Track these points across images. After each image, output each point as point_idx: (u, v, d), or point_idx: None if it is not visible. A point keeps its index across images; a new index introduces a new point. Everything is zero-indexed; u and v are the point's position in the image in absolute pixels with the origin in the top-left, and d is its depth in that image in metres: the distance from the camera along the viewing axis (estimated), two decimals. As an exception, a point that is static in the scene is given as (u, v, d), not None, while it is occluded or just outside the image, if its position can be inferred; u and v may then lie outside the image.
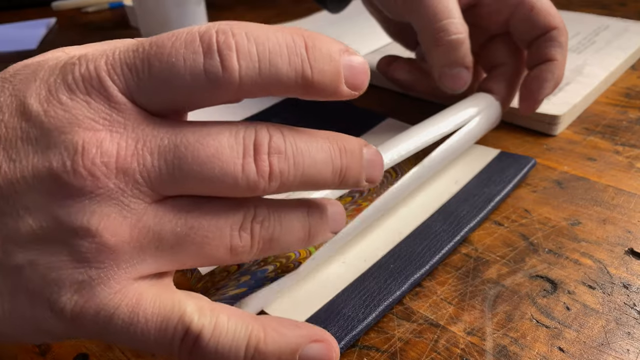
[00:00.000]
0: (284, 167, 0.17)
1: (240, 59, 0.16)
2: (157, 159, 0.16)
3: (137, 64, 0.16)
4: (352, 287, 0.24)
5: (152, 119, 0.16)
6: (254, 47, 0.16)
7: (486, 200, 0.28)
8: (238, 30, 0.16)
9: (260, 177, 0.16)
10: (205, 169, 0.16)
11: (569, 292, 0.24)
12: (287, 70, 0.16)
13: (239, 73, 0.16)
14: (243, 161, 0.16)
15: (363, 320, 0.22)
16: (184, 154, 0.16)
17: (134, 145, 0.16)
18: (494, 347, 0.21)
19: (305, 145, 0.17)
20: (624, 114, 0.38)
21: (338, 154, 0.18)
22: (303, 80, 0.17)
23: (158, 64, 0.16)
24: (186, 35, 0.16)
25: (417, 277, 0.24)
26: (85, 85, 0.16)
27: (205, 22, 0.57)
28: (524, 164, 0.31)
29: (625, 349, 0.21)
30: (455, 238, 0.26)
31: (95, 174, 0.15)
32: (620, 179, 0.31)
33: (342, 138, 0.18)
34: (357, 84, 0.18)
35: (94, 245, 0.15)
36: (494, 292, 0.24)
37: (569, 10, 0.57)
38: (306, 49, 0.17)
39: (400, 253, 0.25)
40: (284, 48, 0.16)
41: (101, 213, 0.15)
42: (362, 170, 0.19)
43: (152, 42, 0.16)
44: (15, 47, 0.60)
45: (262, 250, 0.18)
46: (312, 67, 0.17)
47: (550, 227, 0.27)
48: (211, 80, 0.16)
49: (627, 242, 0.26)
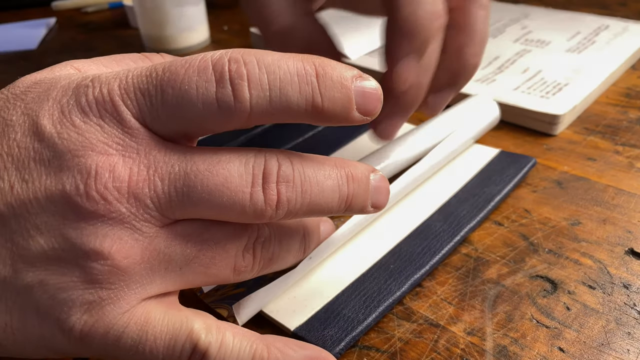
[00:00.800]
0: (291, 196, 0.17)
1: (251, 88, 0.16)
2: (168, 186, 0.16)
3: (151, 90, 0.16)
4: (352, 287, 0.24)
5: (163, 145, 0.16)
6: (265, 76, 0.16)
7: (486, 200, 0.28)
8: (249, 58, 0.16)
9: (268, 205, 0.17)
10: (214, 197, 0.16)
11: (569, 292, 0.24)
12: (298, 98, 0.17)
13: (250, 102, 0.16)
14: (251, 190, 0.16)
15: (363, 321, 0.22)
16: (194, 181, 0.16)
17: (145, 171, 0.16)
18: (494, 347, 0.21)
19: (313, 173, 0.18)
20: (625, 114, 0.38)
21: (345, 181, 0.18)
22: (313, 109, 0.17)
23: (171, 91, 0.16)
24: (199, 63, 0.16)
25: (417, 278, 0.24)
26: (99, 109, 0.16)
27: (205, 22, 0.58)
28: (524, 164, 0.31)
29: (626, 349, 0.21)
30: (455, 238, 0.26)
31: (108, 198, 0.15)
32: (620, 179, 0.31)
33: (349, 165, 0.19)
34: (370, 109, 0.18)
35: (106, 267, 0.16)
36: (494, 292, 0.24)
37: (569, 10, 0.57)
38: (317, 77, 0.17)
39: (400, 253, 0.25)
40: (294, 77, 0.16)
41: (113, 236, 0.16)
42: (369, 197, 0.19)
43: (165, 68, 0.16)
44: (15, 47, 0.60)
45: (262, 269, 0.19)
46: (322, 95, 0.17)
47: (550, 227, 0.27)
48: (223, 109, 0.16)
49: (627, 242, 0.26)
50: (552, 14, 0.54)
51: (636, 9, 0.59)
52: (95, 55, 0.62)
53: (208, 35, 0.59)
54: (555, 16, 0.54)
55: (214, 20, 0.66)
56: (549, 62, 0.43)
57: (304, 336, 0.21)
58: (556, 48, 0.46)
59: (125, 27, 0.67)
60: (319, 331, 0.21)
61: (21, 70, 0.53)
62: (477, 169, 0.31)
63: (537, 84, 0.40)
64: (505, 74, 0.42)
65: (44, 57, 0.57)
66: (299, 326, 0.22)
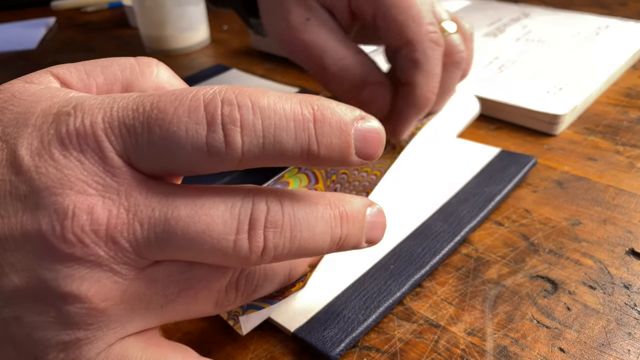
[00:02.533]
0: (278, 242, 0.16)
1: (244, 134, 0.15)
2: (147, 230, 0.15)
3: (137, 127, 0.15)
4: (352, 288, 0.24)
5: (145, 185, 0.16)
6: (259, 122, 0.15)
7: (487, 200, 0.28)
8: (244, 100, 0.15)
9: (253, 252, 0.16)
10: (195, 244, 0.15)
11: (570, 293, 0.24)
12: (293, 146, 0.16)
13: (241, 149, 0.15)
14: (235, 237, 0.16)
15: (363, 322, 0.22)
16: (174, 228, 0.15)
17: (125, 214, 0.15)
18: (495, 348, 0.21)
19: (305, 217, 0.17)
20: (625, 114, 0.38)
21: (339, 222, 0.17)
22: (309, 155, 0.16)
23: (159, 130, 0.15)
24: (190, 102, 0.15)
25: (417, 278, 0.24)
26: (80, 142, 0.15)
27: (205, 22, 0.58)
28: (525, 163, 0.31)
29: (626, 349, 0.21)
30: (455, 238, 0.26)
31: (85, 241, 0.15)
32: (621, 179, 0.31)
33: (345, 202, 0.18)
34: (369, 153, 0.17)
35: (84, 310, 0.15)
36: (494, 293, 0.24)
37: (570, 10, 0.56)
38: (314, 122, 0.16)
39: (400, 253, 0.25)
40: (290, 122, 0.16)
41: (91, 279, 0.15)
42: (363, 235, 0.18)
43: (153, 104, 0.15)
44: (15, 47, 0.60)
45: (244, 300, 0.19)
46: (319, 142, 0.16)
47: (550, 227, 0.27)
48: (213, 154, 0.15)
49: (627, 242, 0.26)
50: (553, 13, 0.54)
51: (636, 9, 0.59)
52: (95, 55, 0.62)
53: (208, 35, 0.58)
54: (555, 16, 0.54)
55: (213, 20, 0.66)
56: (550, 61, 0.43)
57: (304, 337, 0.21)
58: (557, 48, 0.46)
59: (124, 27, 0.67)
60: (319, 332, 0.21)
61: (20, 69, 0.53)
62: (477, 169, 0.31)
63: (538, 84, 0.40)
64: (506, 73, 0.42)
65: (43, 57, 0.57)
66: (299, 327, 0.22)
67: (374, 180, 0.29)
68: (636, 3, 0.61)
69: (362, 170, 0.30)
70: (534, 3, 0.62)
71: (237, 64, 0.51)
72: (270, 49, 0.53)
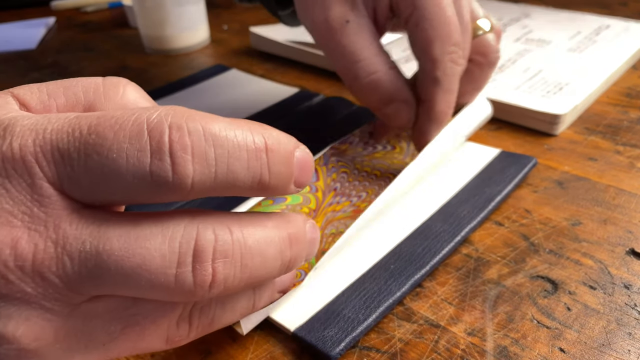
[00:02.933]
0: (229, 273, 0.15)
1: (195, 162, 0.14)
2: (79, 265, 0.14)
3: (72, 153, 0.14)
4: (352, 288, 0.24)
5: (77, 215, 0.14)
6: (212, 150, 0.14)
7: (487, 200, 0.28)
8: (194, 126, 0.14)
9: (199, 287, 0.15)
10: (131, 280, 0.14)
11: (570, 293, 0.23)
12: (245, 175, 0.15)
13: (192, 179, 0.14)
14: (177, 271, 0.14)
15: (363, 322, 0.22)
16: (107, 263, 0.14)
17: (53, 247, 0.14)
18: (495, 348, 0.21)
19: (255, 243, 0.16)
20: (625, 114, 0.38)
21: (288, 245, 0.17)
22: (259, 185, 0.16)
23: (96, 157, 0.14)
24: (132, 126, 0.14)
25: (417, 278, 0.24)
26: (6, 167, 0.14)
27: (205, 21, 0.57)
28: (525, 163, 0.31)
29: (626, 349, 0.21)
30: (455, 238, 0.26)
31: (9, 278, 0.13)
32: (621, 179, 0.31)
33: (290, 222, 0.17)
34: (304, 181, 0.17)
35: (13, 352, 0.14)
36: (494, 293, 0.24)
37: (570, 9, 0.56)
38: (267, 152, 0.15)
39: (400, 253, 0.25)
40: (243, 151, 0.15)
41: (19, 318, 0.14)
42: (306, 252, 0.18)
43: (91, 127, 0.14)
44: (15, 47, 0.60)
45: (199, 334, 0.18)
46: (270, 171, 0.15)
47: (551, 228, 0.27)
48: (158, 184, 0.14)
49: (628, 243, 0.26)
50: (553, 13, 0.54)
51: (637, 9, 0.59)
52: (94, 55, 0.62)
53: (208, 34, 0.58)
54: (556, 16, 0.54)
55: (213, 19, 0.66)
56: (550, 61, 0.43)
57: (304, 337, 0.21)
58: (557, 48, 0.46)
59: (124, 26, 0.67)
60: (319, 332, 0.21)
61: (20, 69, 0.53)
62: (477, 169, 0.31)
63: (538, 84, 0.40)
64: (506, 73, 0.42)
65: (43, 56, 0.57)
66: (299, 327, 0.22)
67: (374, 180, 0.29)
68: (636, 3, 0.61)
69: (362, 170, 0.30)
70: (534, 3, 0.62)
71: (237, 64, 0.51)
72: (271, 49, 0.53)
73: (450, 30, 0.26)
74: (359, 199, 0.28)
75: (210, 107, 0.42)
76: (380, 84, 0.27)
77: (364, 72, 0.27)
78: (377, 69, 0.27)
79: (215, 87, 0.46)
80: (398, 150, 0.32)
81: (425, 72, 0.27)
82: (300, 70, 0.49)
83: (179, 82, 0.47)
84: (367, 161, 0.31)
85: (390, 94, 0.28)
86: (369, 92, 0.28)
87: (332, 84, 0.46)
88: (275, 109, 0.41)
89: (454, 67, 0.27)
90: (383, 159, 0.31)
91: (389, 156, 0.32)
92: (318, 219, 0.27)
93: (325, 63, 0.48)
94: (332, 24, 0.27)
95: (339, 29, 0.27)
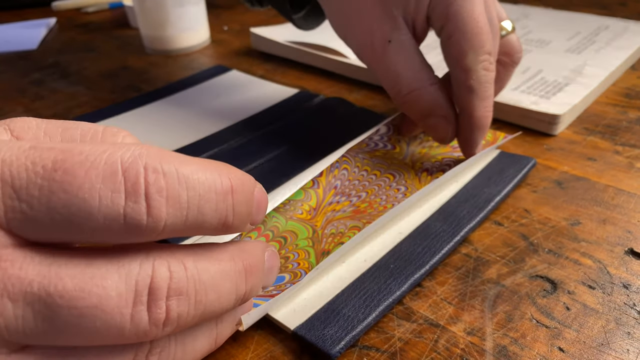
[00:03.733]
0: (183, 310, 0.14)
1: (169, 205, 0.14)
2: (22, 308, 0.13)
3: (31, 190, 0.13)
4: (352, 287, 0.24)
5: (21, 253, 0.13)
6: (185, 192, 0.14)
7: (486, 201, 0.28)
8: (169, 168, 0.14)
9: (153, 325, 0.14)
10: (85, 322, 0.13)
11: (569, 292, 0.24)
12: (212, 217, 0.15)
13: (165, 222, 0.14)
14: (132, 310, 0.14)
15: (363, 321, 0.22)
16: (58, 304, 0.13)
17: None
18: (494, 347, 0.21)
19: (210, 278, 0.15)
20: (624, 114, 0.38)
21: (243, 278, 0.16)
22: (223, 226, 0.15)
23: (63, 196, 0.13)
24: (105, 165, 0.13)
25: (417, 277, 0.24)
26: None
27: (205, 22, 0.58)
28: (524, 164, 0.31)
29: (625, 349, 0.21)
30: (455, 238, 0.26)
31: None
32: (620, 179, 0.31)
33: (246, 252, 0.17)
34: (258, 220, 0.17)
35: None
36: (494, 292, 0.24)
37: (569, 10, 0.57)
38: (232, 194, 0.15)
39: (400, 253, 0.25)
40: (212, 193, 0.15)
41: None
42: (264, 282, 0.18)
43: (57, 163, 0.13)
44: (16, 48, 0.60)
45: None
46: (234, 212, 0.15)
47: (550, 227, 0.27)
48: (129, 226, 0.13)
49: (627, 242, 0.26)
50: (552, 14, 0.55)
51: (636, 9, 0.59)
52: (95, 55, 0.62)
53: (208, 35, 0.59)
54: (555, 16, 0.54)
55: (214, 20, 0.66)
56: (549, 62, 0.43)
57: (304, 335, 0.21)
58: (556, 48, 0.46)
59: (125, 27, 0.67)
60: (319, 330, 0.21)
61: (21, 70, 0.53)
62: (477, 170, 0.31)
63: (537, 84, 0.40)
64: (505, 74, 0.42)
65: (44, 57, 0.57)
66: (299, 325, 0.22)
67: (374, 180, 0.30)
68: (636, 3, 0.61)
69: (362, 169, 0.30)
70: (534, 3, 0.62)
71: (237, 65, 0.51)
72: (271, 50, 0.53)
73: (482, 40, 0.27)
74: (358, 199, 0.28)
75: (210, 108, 0.42)
76: (420, 100, 0.28)
77: (406, 89, 0.28)
78: (417, 86, 0.28)
79: (215, 88, 0.46)
80: (398, 150, 0.32)
81: (459, 82, 0.28)
82: (301, 71, 0.49)
83: (179, 83, 0.47)
84: (367, 159, 0.31)
85: (430, 109, 0.28)
86: (409, 106, 0.29)
87: (332, 84, 0.46)
88: (275, 110, 0.41)
89: (487, 75, 0.28)
90: (383, 158, 0.31)
91: (389, 156, 0.32)
92: (318, 218, 0.27)
93: (325, 64, 0.48)
94: (375, 45, 0.28)
95: (381, 50, 0.28)
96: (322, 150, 0.34)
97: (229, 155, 0.34)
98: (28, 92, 0.48)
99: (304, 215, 0.27)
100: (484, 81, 0.28)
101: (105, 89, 0.47)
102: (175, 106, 0.42)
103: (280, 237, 0.25)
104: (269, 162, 0.34)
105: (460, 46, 0.27)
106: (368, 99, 0.43)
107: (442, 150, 0.33)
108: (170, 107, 0.42)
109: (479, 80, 0.27)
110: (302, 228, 0.26)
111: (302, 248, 0.25)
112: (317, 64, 0.49)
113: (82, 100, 0.46)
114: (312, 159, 0.33)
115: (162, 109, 0.41)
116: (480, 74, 0.27)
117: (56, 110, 0.44)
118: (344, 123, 0.38)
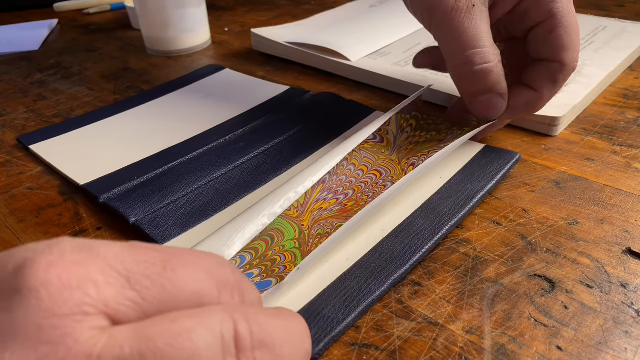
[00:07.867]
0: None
1: None
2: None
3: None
4: (333, 286, 0.24)
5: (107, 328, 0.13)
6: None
7: (469, 197, 0.28)
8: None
9: None
10: None
11: (567, 291, 0.24)
12: None
13: None
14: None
15: (342, 321, 0.22)
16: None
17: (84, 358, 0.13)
18: (493, 346, 0.21)
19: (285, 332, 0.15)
20: (622, 115, 0.38)
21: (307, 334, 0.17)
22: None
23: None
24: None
25: (397, 277, 0.24)
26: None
27: (206, 24, 0.58)
28: (509, 159, 0.31)
29: (623, 347, 0.21)
30: (436, 236, 0.26)
31: None
32: (618, 179, 0.31)
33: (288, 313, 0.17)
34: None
35: None
36: (492, 291, 0.24)
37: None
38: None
39: (382, 251, 0.25)
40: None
41: None
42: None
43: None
44: (17, 49, 0.60)
45: None
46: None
47: (548, 227, 0.28)
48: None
49: (624, 242, 0.26)
50: (551, 15, 0.55)
51: (634, 10, 0.59)
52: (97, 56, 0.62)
53: (209, 36, 0.59)
54: (554, 17, 0.54)
55: (215, 21, 0.67)
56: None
57: None
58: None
59: (127, 28, 0.67)
60: None
61: (23, 71, 0.53)
62: (460, 165, 0.31)
63: (536, 85, 0.40)
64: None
65: (45, 58, 0.57)
66: None
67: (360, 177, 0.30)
68: (633, 4, 0.61)
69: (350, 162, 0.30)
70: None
71: (237, 66, 0.52)
72: (271, 51, 0.53)
73: (579, 42, 0.30)
74: (345, 197, 0.28)
75: (203, 105, 0.42)
76: (489, 74, 0.29)
77: (480, 59, 0.28)
78: (491, 59, 0.28)
79: (208, 86, 0.46)
80: (385, 144, 0.32)
81: (548, 73, 0.30)
82: (301, 72, 0.49)
83: (174, 82, 0.47)
84: (356, 151, 0.31)
85: (493, 85, 0.29)
86: (475, 79, 0.29)
87: (332, 85, 0.46)
88: (266, 106, 0.41)
89: (571, 73, 0.30)
90: (370, 151, 0.31)
91: (376, 150, 0.32)
92: (305, 217, 0.27)
93: (325, 65, 0.48)
94: (459, 5, 0.28)
95: (464, 12, 0.28)
96: (312, 143, 0.34)
97: (217, 154, 0.34)
98: (30, 92, 0.48)
99: (292, 212, 0.27)
100: (566, 78, 0.30)
101: (106, 90, 0.48)
102: (164, 107, 0.42)
103: (266, 236, 0.25)
104: (256, 157, 0.34)
105: (564, 41, 0.29)
106: (368, 100, 0.43)
107: (429, 145, 0.32)
108: (158, 108, 0.42)
109: (565, 77, 0.30)
110: (289, 227, 0.26)
111: (288, 250, 0.24)
112: (318, 65, 0.49)
113: (84, 101, 0.46)
114: (302, 153, 0.33)
115: (150, 111, 0.42)
116: (570, 71, 0.30)
117: (58, 111, 0.44)
118: (334, 116, 0.38)
